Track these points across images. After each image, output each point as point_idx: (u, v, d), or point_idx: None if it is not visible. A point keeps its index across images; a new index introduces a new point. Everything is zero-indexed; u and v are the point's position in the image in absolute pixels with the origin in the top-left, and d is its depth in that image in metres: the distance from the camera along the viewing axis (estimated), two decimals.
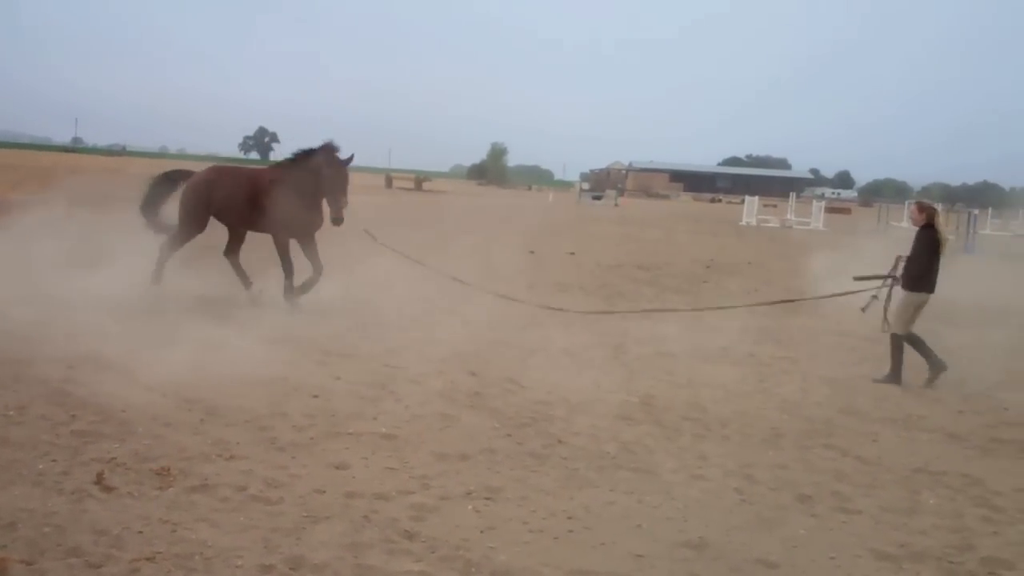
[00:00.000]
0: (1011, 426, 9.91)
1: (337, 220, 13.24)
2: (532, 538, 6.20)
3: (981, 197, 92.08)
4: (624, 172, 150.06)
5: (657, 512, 6.80)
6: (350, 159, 13.56)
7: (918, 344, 11.54)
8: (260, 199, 13.75)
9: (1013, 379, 12.03)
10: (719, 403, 9.93)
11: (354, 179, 14.66)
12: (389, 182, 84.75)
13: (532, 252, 24.94)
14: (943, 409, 10.45)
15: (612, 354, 12.18)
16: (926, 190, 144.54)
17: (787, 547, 6.30)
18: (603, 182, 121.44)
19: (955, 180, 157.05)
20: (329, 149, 13.50)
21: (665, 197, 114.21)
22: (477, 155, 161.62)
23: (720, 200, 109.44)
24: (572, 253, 25.94)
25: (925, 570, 6.07)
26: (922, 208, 11.79)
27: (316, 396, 9.12)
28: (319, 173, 13.43)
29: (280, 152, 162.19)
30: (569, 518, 6.56)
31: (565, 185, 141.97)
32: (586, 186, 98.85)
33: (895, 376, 11.44)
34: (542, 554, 5.96)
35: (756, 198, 60.47)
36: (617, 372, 11.10)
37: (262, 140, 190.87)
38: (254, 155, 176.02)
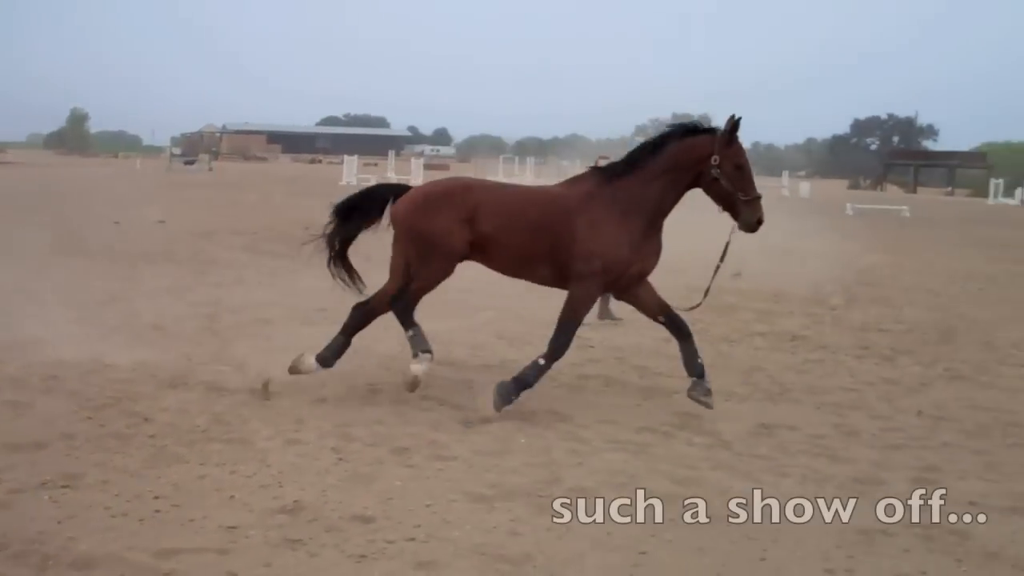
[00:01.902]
0: (595, 362, 10.54)
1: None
2: (115, 523, 5.79)
3: (569, 149, 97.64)
4: (218, 135, 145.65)
5: (251, 481, 6.58)
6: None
7: None
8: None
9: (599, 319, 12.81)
10: None
11: None
12: None
13: (117, 223, 23.62)
14: (534, 352, 10.86)
15: (205, 324, 11.73)
16: (520, 144, 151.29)
17: (383, 500, 6.29)
18: (196, 146, 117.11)
19: (547, 134, 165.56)
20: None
21: (263, 159, 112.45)
22: (55, 122, 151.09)
23: (320, 160, 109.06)
24: (162, 221, 24.82)
25: (516, 506, 6.24)
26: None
27: None
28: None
29: None
30: (156, 498, 6.19)
31: (156, 151, 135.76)
32: (177, 151, 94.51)
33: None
34: (127, 538, 5.57)
35: (356, 157, 60.77)
36: (210, 342, 10.69)
37: None
38: None
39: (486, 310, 13.48)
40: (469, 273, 16.59)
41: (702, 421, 8.32)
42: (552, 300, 8.80)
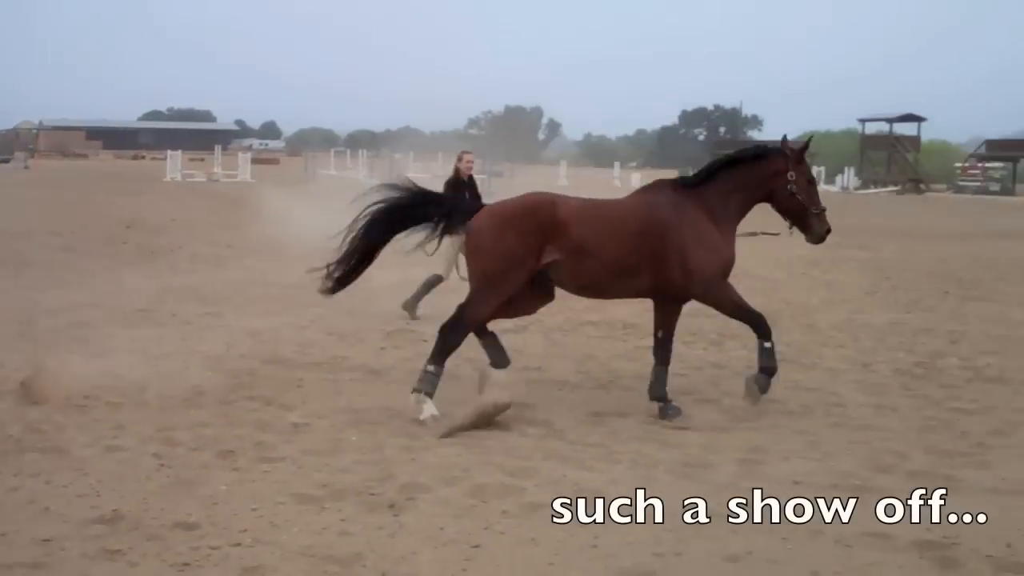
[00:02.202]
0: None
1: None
2: None
3: (402, 142, 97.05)
4: (35, 132, 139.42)
5: (67, 491, 6.25)
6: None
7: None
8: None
9: (436, 312, 12.72)
10: (138, 368, 9.42)
11: None
12: None
13: None
14: (365, 348, 10.77)
15: (18, 330, 11.14)
16: (352, 137, 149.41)
17: (207, 505, 6.06)
18: (11, 144, 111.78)
19: (380, 126, 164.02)
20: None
21: (83, 156, 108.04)
22: None
23: (144, 156, 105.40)
24: None
25: (347, 506, 6.10)
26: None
27: None
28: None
29: None
30: None
31: None
32: None
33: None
34: None
35: (179, 152, 59.00)
36: (23, 348, 10.15)
37: None
38: None
39: (315, 306, 13.20)
40: (300, 270, 16.31)
41: (535, 411, 8.32)
42: (389, 299, 8.66)
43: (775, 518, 5.94)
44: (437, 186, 10.75)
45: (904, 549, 5.52)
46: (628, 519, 5.91)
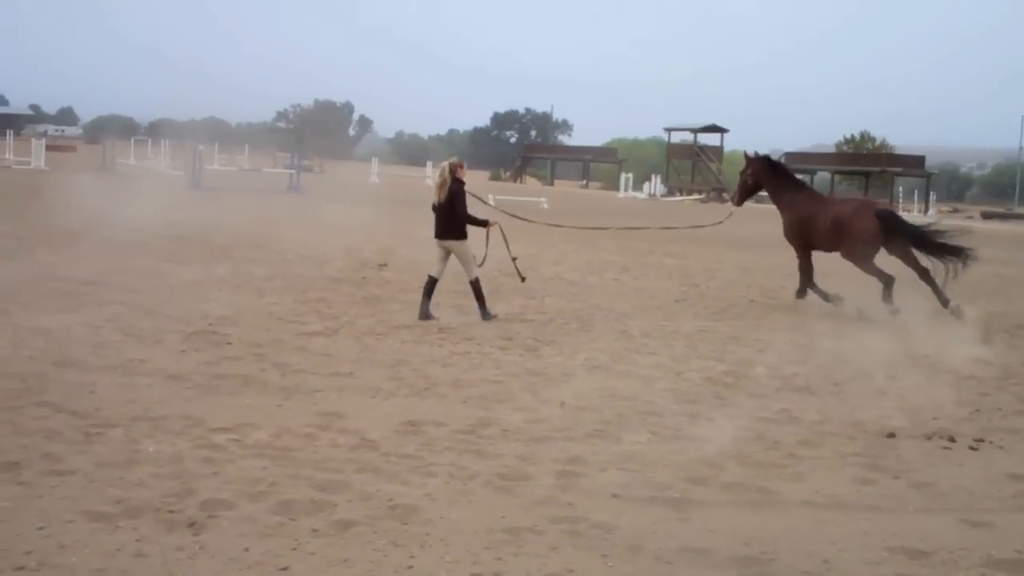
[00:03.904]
0: (233, 360, 9.94)
1: None
2: None
3: (206, 133, 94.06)
4: None
5: None
6: None
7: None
8: None
9: (238, 312, 12.22)
10: None
11: None
12: None
13: None
14: (164, 350, 10.19)
15: None
16: (153, 126, 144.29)
17: None
18: None
19: (184, 116, 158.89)
20: None
21: None
22: None
23: None
24: None
25: (143, 524, 5.66)
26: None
27: None
28: None
29: None
30: None
31: None
32: None
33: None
34: None
35: None
36: None
37: None
38: None
39: (112, 304, 12.51)
40: (96, 264, 15.49)
41: (346, 421, 8.01)
42: (190, 297, 8.16)
43: (595, 533, 5.83)
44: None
45: (723, 565, 5.47)
46: (445, 535, 5.68)
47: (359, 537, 5.64)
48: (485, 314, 13.06)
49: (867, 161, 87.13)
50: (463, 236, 13.01)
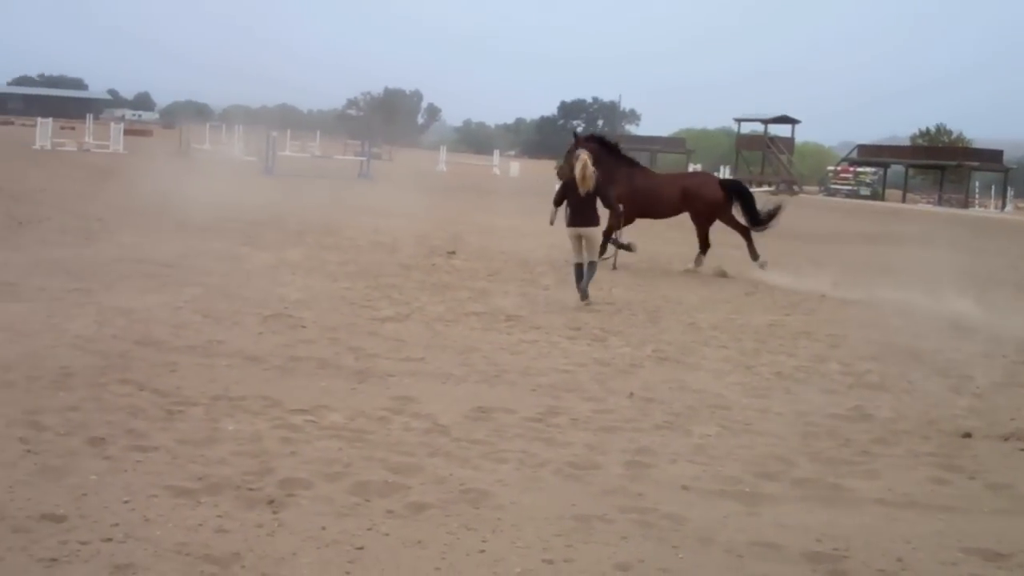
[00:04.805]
0: (309, 343, 10.12)
1: None
2: None
3: (278, 119, 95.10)
4: None
5: None
6: None
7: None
8: None
9: (313, 296, 12.41)
10: (3, 346, 8.94)
11: None
12: None
13: None
14: (242, 332, 10.41)
15: None
16: (227, 112, 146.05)
17: (76, 496, 5.72)
18: None
19: (256, 102, 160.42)
20: None
21: None
22: None
23: (12, 122, 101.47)
24: None
25: (223, 501, 5.82)
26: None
27: None
28: None
29: None
30: None
31: None
32: None
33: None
34: None
35: (50, 120, 56.83)
36: None
37: None
38: None
39: (191, 286, 12.78)
40: (175, 247, 15.80)
41: (418, 405, 8.13)
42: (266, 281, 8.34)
43: (665, 524, 5.89)
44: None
45: (795, 560, 5.50)
46: (518, 521, 5.78)
47: (432, 520, 5.76)
48: (585, 293, 13.76)
49: (942, 155, 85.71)
50: (599, 223, 14.27)
